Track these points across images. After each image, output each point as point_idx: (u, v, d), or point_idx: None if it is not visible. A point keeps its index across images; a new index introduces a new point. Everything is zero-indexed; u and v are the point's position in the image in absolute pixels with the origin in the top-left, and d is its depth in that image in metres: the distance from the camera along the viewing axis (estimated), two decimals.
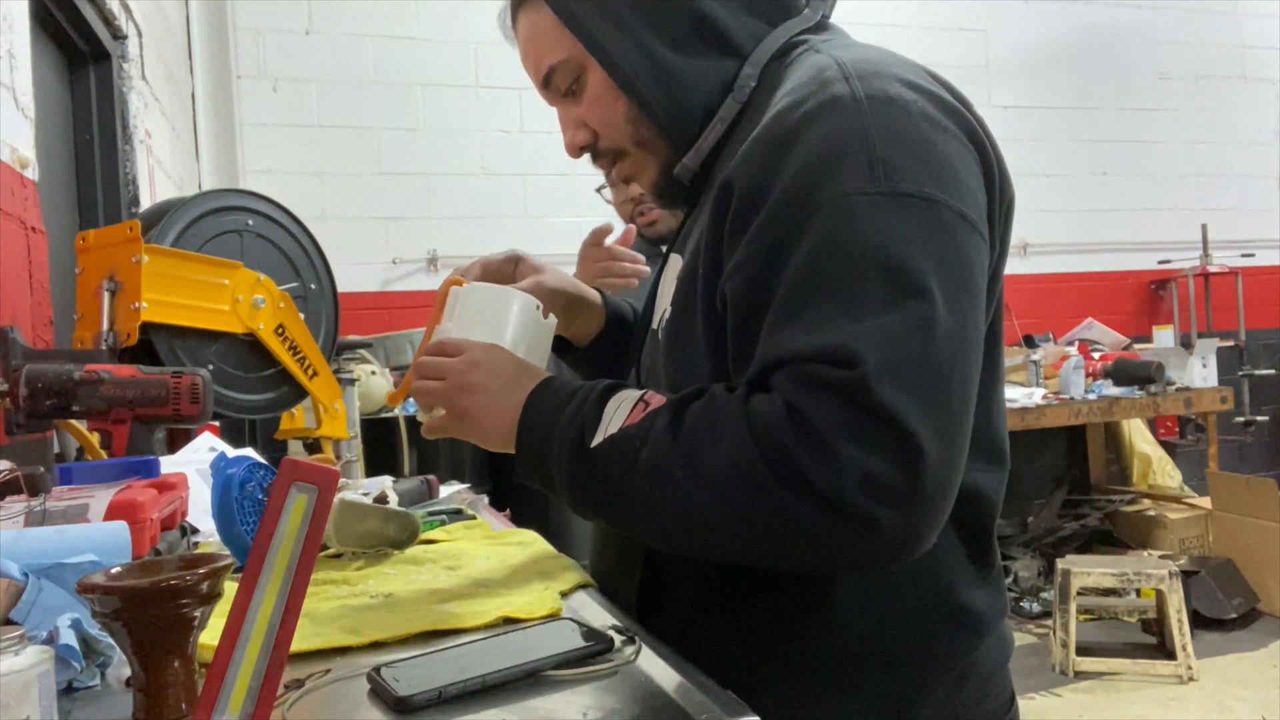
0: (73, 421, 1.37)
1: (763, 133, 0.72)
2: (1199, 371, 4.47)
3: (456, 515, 1.38)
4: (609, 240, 1.64)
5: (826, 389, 0.62)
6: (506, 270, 0.97)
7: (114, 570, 0.59)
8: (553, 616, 0.81)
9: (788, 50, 0.80)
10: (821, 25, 0.85)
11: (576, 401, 0.75)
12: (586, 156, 0.89)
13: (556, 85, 0.85)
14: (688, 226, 0.90)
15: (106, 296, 1.64)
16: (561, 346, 1.06)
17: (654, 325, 0.89)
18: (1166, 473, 4.87)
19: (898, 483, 0.61)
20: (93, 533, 0.81)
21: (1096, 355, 4.50)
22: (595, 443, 0.71)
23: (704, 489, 0.65)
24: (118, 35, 2.51)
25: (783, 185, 0.68)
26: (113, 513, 0.90)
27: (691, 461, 0.66)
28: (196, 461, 1.41)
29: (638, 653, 0.70)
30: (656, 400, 0.72)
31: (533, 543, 1.13)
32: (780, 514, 0.62)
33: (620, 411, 0.72)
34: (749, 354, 0.70)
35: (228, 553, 0.88)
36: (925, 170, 0.67)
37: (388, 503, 1.28)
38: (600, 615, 0.82)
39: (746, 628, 0.79)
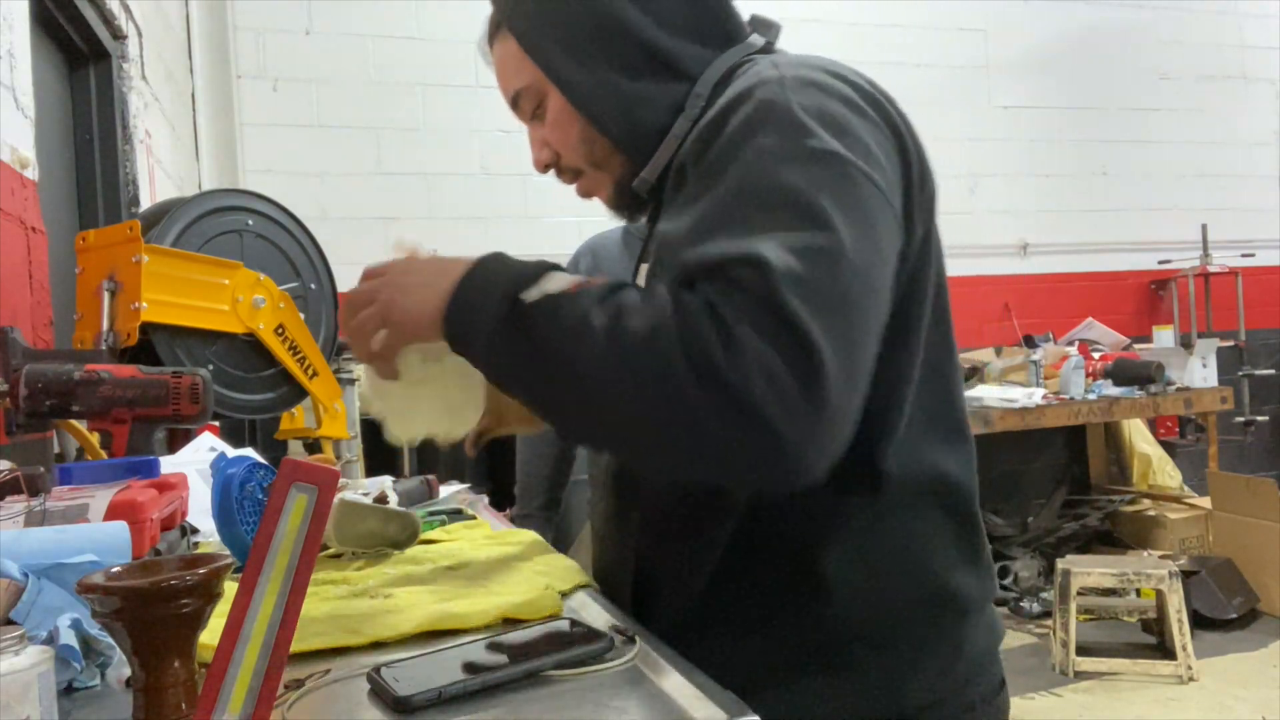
0: (73, 421, 1.37)
1: (707, 122, 0.78)
2: (1199, 371, 4.47)
3: (456, 515, 1.38)
4: None
5: (740, 289, 0.64)
6: None
7: (114, 570, 0.59)
8: (553, 616, 0.81)
9: (734, 70, 0.86)
10: (767, 50, 0.90)
11: (517, 267, 0.75)
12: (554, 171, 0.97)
13: (523, 108, 0.93)
14: (651, 237, 0.95)
15: (106, 296, 1.64)
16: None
17: None
18: (1166, 473, 4.87)
19: (795, 385, 0.61)
20: (93, 533, 0.81)
21: (1096, 355, 4.50)
22: (530, 298, 0.71)
23: (619, 355, 0.66)
24: (118, 35, 2.51)
25: (717, 145, 0.75)
26: (113, 513, 0.90)
27: (614, 329, 0.67)
28: (196, 461, 1.41)
29: (638, 653, 0.70)
30: (598, 281, 0.73)
31: (533, 543, 1.13)
32: (683, 393, 0.63)
33: (561, 281, 0.73)
34: (669, 264, 0.73)
35: (228, 553, 0.88)
36: (837, 138, 0.72)
37: (388, 503, 1.28)
38: (600, 615, 0.82)
39: (738, 616, 0.81)
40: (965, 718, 0.84)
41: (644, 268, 0.93)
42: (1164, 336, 4.85)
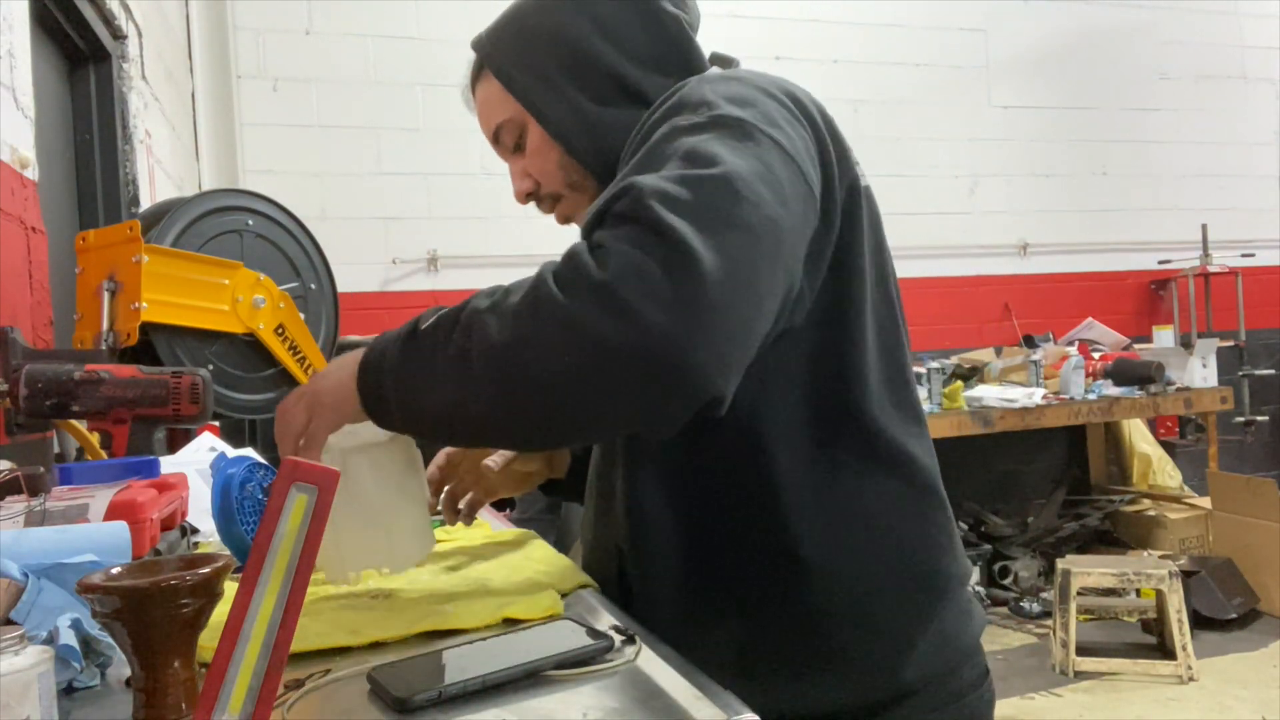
0: (73, 421, 1.37)
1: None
2: (1199, 371, 4.47)
3: None
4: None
5: (615, 218, 0.68)
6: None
7: (114, 570, 0.59)
8: (553, 616, 0.81)
9: None
10: None
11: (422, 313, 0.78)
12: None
13: (504, 142, 0.99)
14: None
15: (106, 296, 1.64)
16: (550, 487, 1.19)
17: None
18: (1166, 473, 4.87)
19: (667, 281, 0.62)
20: (93, 533, 0.81)
21: (1096, 355, 4.50)
22: (425, 326, 0.73)
23: (505, 322, 0.67)
24: (118, 35, 2.51)
25: (638, 138, 0.81)
26: (113, 513, 0.90)
27: (499, 306, 0.69)
28: (196, 461, 1.41)
29: (638, 653, 0.70)
30: None
31: (533, 542, 1.13)
32: (561, 316, 0.64)
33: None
34: None
35: (228, 553, 0.88)
36: (743, 111, 0.76)
37: None
38: (600, 615, 0.82)
39: (723, 604, 0.83)
40: (954, 705, 0.86)
41: None
42: (1164, 336, 4.85)
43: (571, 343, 0.64)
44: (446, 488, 1.11)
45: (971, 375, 4.29)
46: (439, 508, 1.11)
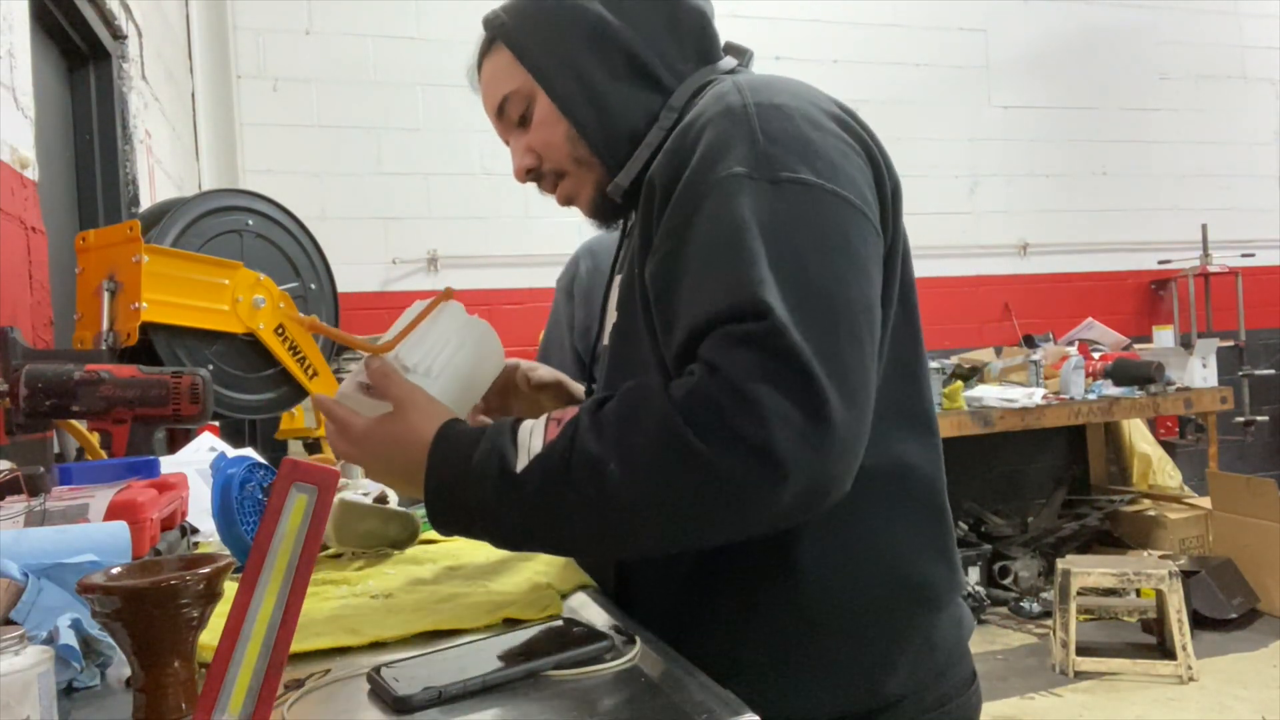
0: (73, 421, 1.37)
1: (674, 140, 0.83)
2: (1199, 371, 4.47)
3: None
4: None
5: (744, 343, 0.67)
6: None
7: (114, 570, 0.59)
8: (553, 616, 0.81)
9: (704, 87, 0.91)
10: (739, 71, 0.94)
11: (486, 438, 0.76)
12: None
13: (509, 115, 0.97)
14: (625, 247, 1.00)
15: (106, 296, 1.64)
16: None
17: (605, 341, 0.97)
18: (1166, 473, 4.87)
19: (809, 426, 0.65)
20: (93, 533, 0.81)
21: (1096, 355, 4.50)
22: (521, 467, 0.72)
23: (640, 475, 0.68)
24: (118, 35, 2.51)
25: (686, 175, 0.78)
26: (113, 513, 0.90)
27: (623, 453, 0.68)
28: (196, 461, 1.41)
29: (638, 653, 0.70)
30: (568, 413, 0.75)
31: None
32: (712, 472, 0.65)
33: (535, 434, 0.74)
34: (668, 323, 0.77)
35: (228, 553, 0.88)
36: (802, 160, 0.75)
37: (388, 503, 1.28)
38: (600, 615, 0.82)
39: (717, 609, 0.83)
40: (939, 711, 0.86)
41: (617, 279, 0.97)
42: (1164, 336, 4.85)
43: (725, 501, 0.66)
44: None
45: (971, 375, 4.29)
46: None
